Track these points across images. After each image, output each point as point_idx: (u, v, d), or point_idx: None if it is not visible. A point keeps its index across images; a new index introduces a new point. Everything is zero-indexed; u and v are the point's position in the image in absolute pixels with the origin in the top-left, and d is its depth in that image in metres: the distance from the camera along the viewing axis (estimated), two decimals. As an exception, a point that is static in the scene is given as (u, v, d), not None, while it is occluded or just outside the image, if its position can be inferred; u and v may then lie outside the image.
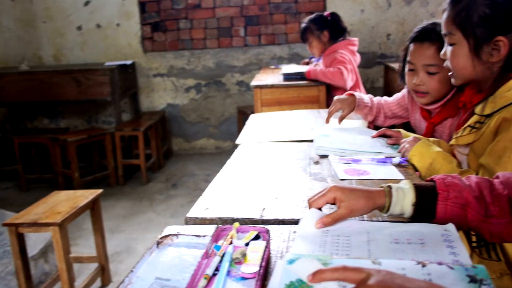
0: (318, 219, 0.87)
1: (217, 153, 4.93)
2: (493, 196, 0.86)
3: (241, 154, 1.53)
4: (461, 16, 1.21)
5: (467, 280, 0.61)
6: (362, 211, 0.88)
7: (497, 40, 1.18)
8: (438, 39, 1.49)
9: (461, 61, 1.25)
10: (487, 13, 1.18)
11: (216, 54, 4.77)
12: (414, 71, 1.58)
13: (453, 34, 1.25)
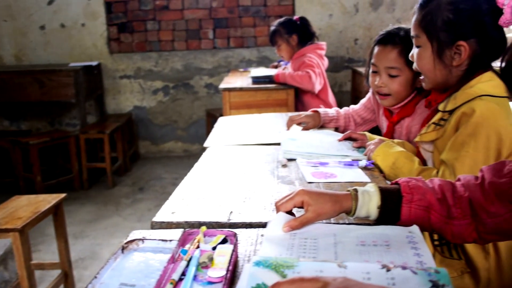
0: (286, 223, 0.87)
1: (185, 156, 4.89)
2: (455, 198, 0.88)
3: (209, 157, 1.52)
4: (427, 20, 1.25)
5: (429, 285, 0.63)
6: (329, 215, 0.89)
7: (459, 44, 1.22)
8: (401, 43, 1.52)
9: (425, 63, 1.29)
10: (450, 18, 1.21)
11: (185, 56, 4.73)
12: (377, 73, 1.61)
13: (419, 36, 1.28)
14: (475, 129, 1.15)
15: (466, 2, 1.21)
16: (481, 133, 1.15)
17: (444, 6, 1.22)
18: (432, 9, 1.24)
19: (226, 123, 2.11)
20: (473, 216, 0.87)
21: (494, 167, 0.88)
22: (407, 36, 1.47)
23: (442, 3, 1.23)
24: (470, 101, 1.19)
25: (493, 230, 0.85)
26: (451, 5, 1.22)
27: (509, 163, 0.86)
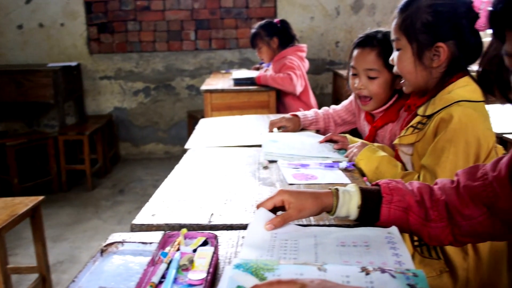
0: (268, 221, 0.87)
1: (166, 158, 4.85)
2: (432, 201, 0.90)
3: (190, 159, 1.51)
4: (406, 23, 1.27)
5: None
6: (310, 211, 0.89)
7: (438, 46, 1.25)
8: (379, 45, 1.55)
9: (405, 65, 1.31)
10: (429, 20, 1.24)
11: (166, 57, 4.70)
12: (356, 75, 1.63)
13: (400, 39, 1.30)
14: (454, 135, 1.18)
15: (444, 5, 1.24)
16: (460, 139, 1.17)
17: (424, 9, 1.25)
18: (412, 12, 1.27)
19: (207, 125, 2.10)
20: (449, 219, 0.88)
21: (468, 171, 0.90)
22: (385, 39, 1.50)
23: (421, 6, 1.26)
24: (448, 106, 1.22)
25: (468, 233, 0.87)
26: (430, 7, 1.25)
27: (482, 167, 0.88)
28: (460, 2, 1.24)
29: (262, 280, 0.66)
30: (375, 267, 0.69)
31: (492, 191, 0.83)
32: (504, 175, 0.80)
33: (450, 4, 1.24)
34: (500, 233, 0.86)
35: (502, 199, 0.81)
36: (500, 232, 0.85)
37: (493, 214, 0.84)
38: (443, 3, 1.24)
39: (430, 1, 1.26)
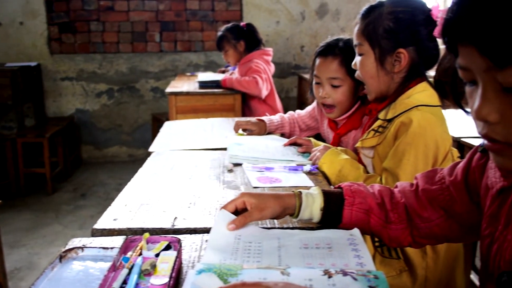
0: (230, 221, 0.88)
1: (130, 161, 4.77)
2: (393, 204, 0.92)
3: (154, 162, 1.49)
4: (369, 29, 1.31)
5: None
6: (272, 210, 0.89)
7: (399, 52, 1.29)
8: (341, 53, 1.57)
9: (368, 70, 1.34)
10: (391, 26, 1.28)
11: (130, 59, 4.63)
12: (320, 84, 1.64)
13: (362, 45, 1.33)
14: (414, 138, 1.21)
15: (404, 12, 1.28)
16: (419, 142, 1.21)
17: (385, 15, 1.29)
18: (374, 18, 1.30)
19: (172, 128, 2.08)
20: (408, 221, 0.91)
21: (427, 175, 0.93)
22: (347, 47, 1.53)
23: (383, 12, 1.29)
24: (407, 110, 1.25)
25: (426, 235, 0.89)
26: (391, 14, 1.29)
27: (440, 171, 0.91)
28: (419, 10, 1.29)
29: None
30: (337, 270, 0.70)
31: (449, 194, 0.86)
32: (460, 180, 0.83)
33: (409, 11, 1.28)
34: (456, 235, 0.89)
35: (458, 202, 0.84)
36: (456, 234, 0.88)
37: (449, 217, 0.87)
38: (403, 11, 1.28)
39: (391, 8, 1.29)
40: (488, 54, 0.53)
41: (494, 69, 0.53)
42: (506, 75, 0.53)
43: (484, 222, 0.73)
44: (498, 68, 0.53)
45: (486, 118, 0.57)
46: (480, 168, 0.78)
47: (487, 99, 0.56)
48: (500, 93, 0.55)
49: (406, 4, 1.30)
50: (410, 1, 1.32)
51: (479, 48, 0.53)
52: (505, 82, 0.53)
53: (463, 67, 0.59)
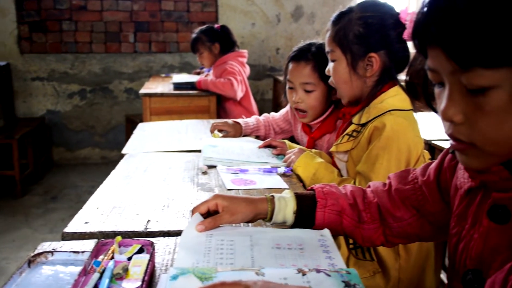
0: (199, 222, 0.87)
1: (103, 163, 4.69)
2: (365, 204, 0.94)
3: (127, 164, 1.47)
4: (340, 35, 1.32)
5: (342, 285, 0.67)
6: (243, 215, 0.89)
7: (370, 56, 1.31)
8: (313, 58, 1.58)
9: (341, 75, 1.36)
10: (361, 32, 1.30)
11: (103, 59, 4.56)
12: (293, 89, 1.65)
13: (334, 51, 1.35)
14: (387, 143, 1.23)
15: (373, 17, 1.30)
16: (392, 146, 1.23)
17: (355, 21, 1.31)
18: (344, 25, 1.32)
19: (146, 129, 2.06)
20: (381, 221, 0.92)
21: (400, 175, 0.94)
22: (319, 52, 1.54)
23: (353, 18, 1.31)
24: (381, 115, 1.27)
25: (399, 234, 0.91)
26: (360, 19, 1.31)
27: (413, 171, 0.93)
28: (388, 14, 1.31)
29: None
30: (310, 268, 0.72)
31: (421, 194, 0.88)
32: (433, 180, 0.85)
33: (378, 16, 1.31)
34: (428, 235, 0.91)
35: (430, 202, 0.86)
36: (428, 234, 0.90)
37: (421, 216, 0.88)
38: (372, 15, 1.31)
39: (360, 13, 1.31)
40: (453, 56, 0.54)
41: (459, 71, 0.55)
42: (469, 77, 0.54)
43: (452, 221, 0.75)
44: (462, 70, 0.54)
45: (452, 119, 0.59)
46: (451, 169, 0.80)
47: (453, 100, 0.58)
48: (465, 94, 0.57)
49: (375, 9, 1.32)
50: (378, 6, 1.34)
51: (445, 50, 0.55)
52: (469, 84, 0.55)
53: (431, 69, 0.60)
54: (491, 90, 0.54)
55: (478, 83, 0.54)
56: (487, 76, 0.53)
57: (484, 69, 0.53)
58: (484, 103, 0.55)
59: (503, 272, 0.59)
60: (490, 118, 0.55)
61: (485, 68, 0.53)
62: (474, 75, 0.54)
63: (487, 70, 0.53)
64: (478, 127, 0.57)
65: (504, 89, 0.53)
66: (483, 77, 0.53)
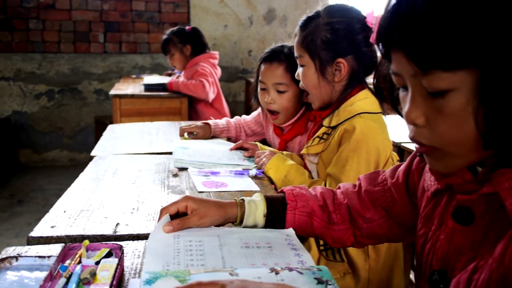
0: (167, 223, 0.87)
1: (71, 165, 4.59)
2: (335, 205, 0.95)
3: (96, 167, 1.45)
4: (308, 40, 1.34)
5: (315, 282, 0.68)
6: (212, 219, 0.89)
7: (338, 61, 1.32)
8: (286, 60, 1.59)
9: (310, 80, 1.37)
10: (328, 37, 1.32)
11: (72, 59, 4.46)
12: (265, 90, 1.66)
13: (302, 56, 1.36)
14: (357, 145, 1.25)
15: (340, 23, 1.32)
16: (362, 148, 1.25)
17: (322, 26, 1.32)
18: (311, 30, 1.33)
19: (116, 131, 2.03)
20: (351, 222, 0.93)
21: (369, 177, 0.96)
22: (291, 53, 1.55)
23: (320, 24, 1.33)
24: (350, 118, 1.29)
25: (368, 234, 0.92)
26: (328, 25, 1.32)
27: (382, 173, 0.94)
28: (354, 19, 1.33)
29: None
30: (282, 267, 0.72)
31: (390, 196, 0.89)
32: (401, 182, 0.87)
33: (345, 21, 1.32)
34: (396, 235, 0.92)
35: (399, 203, 0.87)
36: (396, 234, 0.92)
37: (390, 217, 0.90)
38: (339, 21, 1.32)
39: (327, 19, 1.33)
40: (414, 59, 0.56)
41: (420, 74, 0.57)
42: (429, 80, 0.56)
43: (419, 223, 0.77)
44: (422, 73, 0.56)
45: (415, 121, 0.60)
46: (419, 171, 0.82)
47: (415, 103, 0.60)
48: (426, 97, 0.58)
49: (342, 14, 1.34)
50: (345, 11, 1.35)
51: (406, 53, 0.57)
52: (429, 86, 0.57)
53: (395, 73, 0.62)
54: (450, 93, 0.55)
55: (437, 86, 0.56)
56: (445, 79, 0.55)
57: (443, 72, 0.54)
58: (443, 105, 0.57)
59: (467, 272, 0.60)
60: (449, 120, 0.57)
61: (443, 71, 0.54)
62: (434, 78, 0.55)
63: (445, 73, 0.54)
64: (438, 130, 0.58)
65: (462, 92, 0.55)
66: (442, 80, 0.55)
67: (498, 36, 0.51)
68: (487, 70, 0.52)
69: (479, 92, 0.54)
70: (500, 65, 0.51)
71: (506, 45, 0.51)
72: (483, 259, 0.59)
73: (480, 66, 0.52)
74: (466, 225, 0.63)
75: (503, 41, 0.51)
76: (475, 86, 0.54)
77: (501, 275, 0.55)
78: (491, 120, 0.54)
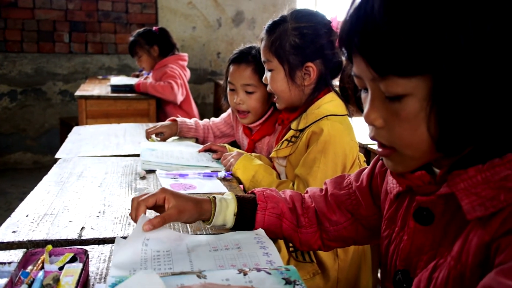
0: (146, 221, 0.85)
1: (35, 168, 4.46)
2: (303, 208, 0.96)
3: (61, 169, 1.41)
4: (276, 45, 1.34)
5: (283, 282, 0.69)
6: (190, 214, 0.88)
7: (307, 66, 1.34)
8: (254, 61, 1.60)
9: (279, 85, 1.38)
10: (297, 42, 1.33)
11: (36, 59, 4.34)
12: (234, 91, 1.66)
13: (271, 61, 1.37)
14: (324, 147, 1.27)
15: (308, 28, 1.34)
16: (329, 150, 1.27)
17: (290, 31, 1.34)
18: (279, 35, 1.34)
19: (81, 133, 1.98)
20: (318, 225, 0.95)
21: (335, 180, 0.97)
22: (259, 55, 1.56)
23: (288, 28, 1.34)
24: (318, 120, 1.31)
25: (335, 237, 0.94)
26: (296, 30, 1.33)
27: (347, 177, 0.96)
28: (320, 24, 1.35)
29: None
30: (250, 268, 0.73)
31: (355, 199, 0.91)
32: (365, 185, 0.88)
33: (312, 26, 1.34)
34: (362, 238, 0.94)
35: (364, 206, 0.89)
36: (362, 237, 0.94)
37: (356, 220, 0.92)
38: (306, 26, 1.34)
39: (294, 23, 1.34)
40: (372, 64, 0.58)
41: (378, 78, 0.58)
42: (386, 85, 0.58)
43: (383, 225, 0.78)
44: (380, 77, 0.58)
45: (373, 123, 0.62)
46: (382, 174, 0.84)
47: (374, 105, 0.62)
48: (384, 101, 0.60)
49: (309, 19, 1.35)
50: (311, 16, 1.37)
51: (365, 58, 0.58)
52: (386, 91, 0.59)
53: (356, 75, 0.64)
54: (405, 98, 0.57)
55: (393, 91, 0.58)
56: (401, 84, 0.56)
57: (398, 78, 0.56)
58: (400, 109, 0.58)
59: (428, 270, 0.62)
60: (404, 123, 0.59)
61: (399, 76, 0.56)
62: (390, 83, 0.57)
63: (401, 79, 0.56)
64: (396, 132, 0.60)
65: (417, 97, 0.57)
66: (398, 85, 0.57)
67: (450, 44, 0.52)
68: (439, 77, 0.54)
69: (432, 98, 0.56)
70: (452, 72, 0.53)
71: (457, 53, 0.52)
72: (443, 257, 0.61)
73: (433, 73, 0.54)
74: (427, 225, 0.65)
75: (454, 49, 0.52)
76: (429, 92, 0.56)
77: (458, 272, 0.57)
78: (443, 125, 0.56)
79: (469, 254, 0.56)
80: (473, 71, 0.52)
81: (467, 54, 0.52)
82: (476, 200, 0.55)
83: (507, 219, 0.52)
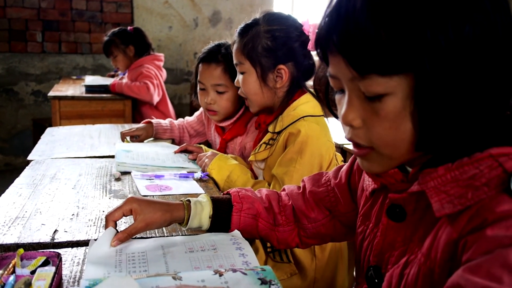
0: (113, 237, 0.84)
1: (7, 170, 4.35)
2: (280, 206, 0.96)
3: (33, 171, 1.38)
4: (248, 48, 1.35)
5: (258, 282, 0.69)
6: (159, 224, 0.88)
7: (279, 68, 1.35)
8: (224, 60, 1.60)
9: (251, 87, 1.38)
10: (269, 45, 1.34)
11: (7, 59, 4.23)
12: (205, 90, 1.66)
13: (243, 63, 1.37)
14: (301, 147, 1.28)
15: (280, 30, 1.35)
16: (306, 151, 1.28)
17: (263, 34, 1.35)
18: (252, 37, 1.35)
19: (55, 134, 1.95)
20: (296, 223, 0.95)
21: (313, 178, 0.98)
22: (229, 53, 1.55)
23: (260, 31, 1.35)
24: (295, 122, 1.32)
25: (313, 234, 0.95)
26: (268, 33, 1.35)
27: (326, 174, 0.97)
28: (292, 27, 1.36)
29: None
30: (226, 268, 0.73)
31: (334, 196, 0.92)
32: (344, 182, 0.89)
33: (284, 29, 1.36)
34: (340, 235, 0.95)
35: (342, 203, 0.90)
36: (340, 234, 0.95)
37: (334, 217, 0.93)
38: (279, 29, 1.35)
39: (267, 26, 1.35)
40: (352, 64, 0.58)
41: (357, 78, 0.58)
42: (367, 84, 0.58)
43: (358, 221, 0.80)
44: (360, 77, 0.58)
45: (351, 123, 0.62)
46: (360, 171, 0.85)
47: (352, 106, 0.61)
48: (363, 100, 0.60)
49: (281, 22, 1.37)
50: (283, 19, 1.39)
51: (345, 57, 0.58)
52: (366, 90, 0.59)
53: (332, 76, 0.64)
54: (386, 97, 0.57)
55: (374, 90, 0.58)
56: (382, 83, 0.57)
57: (379, 77, 0.56)
58: (380, 108, 0.58)
59: (399, 267, 0.64)
60: (385, 122, 0.59)
61: (380, 75, 0.56)
62: (371, 82, 0.57)
63: (382, 78, 0.56)
64: (375, 131, 0.60)
65: (397, 96, 0.57)
66: (379, 84, 0.57)
67: (431, 43, 0.53)
68: (421, 75, 0.54)
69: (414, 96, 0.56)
70: (433, 71, 0.53)
71: (438, 51, 0.53)
72: (413, 253, 0.62)
73: (415, 71, 0.55)
74: (399, 222, 0.66)
75: (435, 48, 0.53)
76: (410, 91, 0.56)
77: (428, 269, 0.58)
78: (424, 124, 0.57)
79: (438, 250, 0.57)
80: (454, 69, 0.53)
81: (448, 53, 0.53)
82: (445, 198, 0.57)
83: (474, 217, 0.53)
